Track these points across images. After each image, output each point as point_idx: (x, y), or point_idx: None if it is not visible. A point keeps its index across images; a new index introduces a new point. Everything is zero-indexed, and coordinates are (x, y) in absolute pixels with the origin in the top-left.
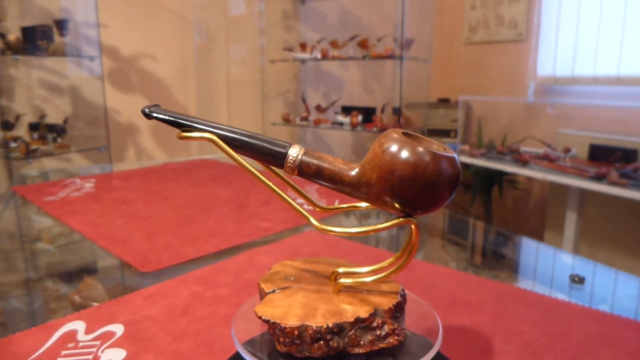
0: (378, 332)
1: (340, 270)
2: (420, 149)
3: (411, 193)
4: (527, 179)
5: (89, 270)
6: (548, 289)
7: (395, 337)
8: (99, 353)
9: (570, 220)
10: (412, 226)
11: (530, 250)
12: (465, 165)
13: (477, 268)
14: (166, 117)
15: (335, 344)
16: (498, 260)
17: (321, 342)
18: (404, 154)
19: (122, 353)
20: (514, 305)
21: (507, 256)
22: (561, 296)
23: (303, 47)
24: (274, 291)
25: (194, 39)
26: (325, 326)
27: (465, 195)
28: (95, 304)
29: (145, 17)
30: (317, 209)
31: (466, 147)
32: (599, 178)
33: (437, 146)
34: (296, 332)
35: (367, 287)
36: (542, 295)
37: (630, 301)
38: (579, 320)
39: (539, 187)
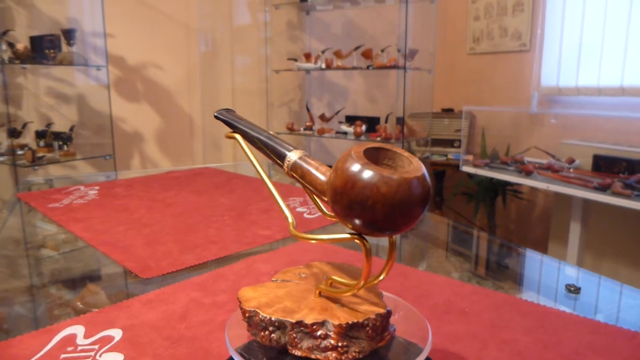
0: (318, 342)
1: (334, 277)
2: (355, 166)
3: (343, 208)
4: (530, 190)
5: (91, 277)
6: (544, 299)
7: (335, 355)
8: (97, 357)
9: (574, 230)
10: (362, 245)
11: (533, 262)
12: (469, 175)
13: (481, 279)
14: (223, 119)
15: (277, 338)
16: (501, 271)
17: (266, 331)
18: (341, 169)
19: (120, 357)
20: (508, 314)
21: (510, 267)
22: (558, 306)
23: (307, 57)
24: (275, 281)
25: (199, 48)
26: (268, 318)
27: (468, 205)
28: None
29: (151, 26)
30: (327, 217)
31: (470, 157)
32: (602, 189)
33: (414, 167)
34: (247, 315)
35: (353, 300)
36: (537, 305)
37: (626, 311)
38: (573, 330)
39: (542, 197)
